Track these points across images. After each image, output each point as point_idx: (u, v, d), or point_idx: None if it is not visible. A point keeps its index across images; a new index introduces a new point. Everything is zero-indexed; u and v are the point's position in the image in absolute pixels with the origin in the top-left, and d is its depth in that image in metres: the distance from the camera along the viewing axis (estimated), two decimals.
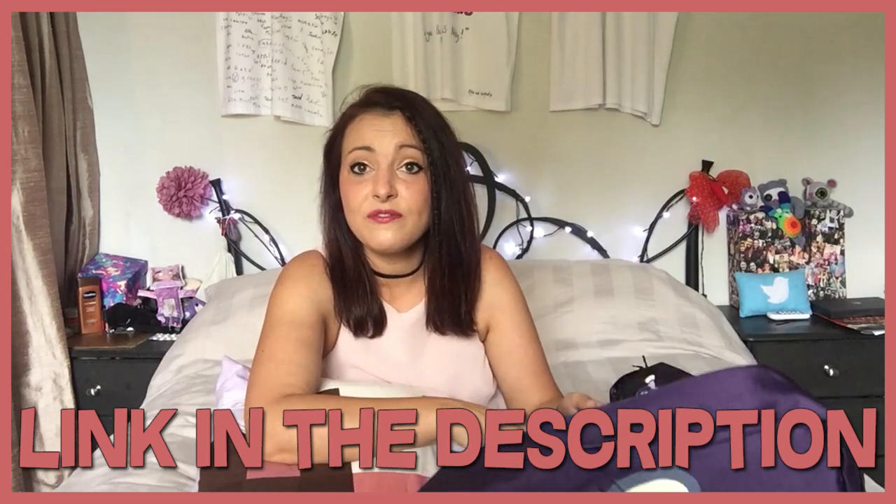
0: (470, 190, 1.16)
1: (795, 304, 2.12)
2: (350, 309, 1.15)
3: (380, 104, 1.11)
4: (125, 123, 2.30)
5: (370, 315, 1.15)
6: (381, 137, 1.08)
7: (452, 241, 1.13)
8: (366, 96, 1.14)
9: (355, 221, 1.10)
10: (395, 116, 1.10)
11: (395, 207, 1.07)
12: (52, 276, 1.96)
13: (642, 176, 2.29)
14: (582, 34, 2.18)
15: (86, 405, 1.99)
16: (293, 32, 2.19)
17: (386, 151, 1.08)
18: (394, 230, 1.08)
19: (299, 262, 1.20)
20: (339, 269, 1.16)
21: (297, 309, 1.11)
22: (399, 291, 1.19)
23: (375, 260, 1.17)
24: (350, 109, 1.14)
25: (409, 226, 1.09)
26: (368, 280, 1.16)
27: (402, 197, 1.08)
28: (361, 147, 1.09)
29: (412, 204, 1.08)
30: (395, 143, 1.08)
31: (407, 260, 1.17)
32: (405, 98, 1.12)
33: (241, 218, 2.29)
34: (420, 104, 1.12)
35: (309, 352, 1.07)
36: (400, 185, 1.08)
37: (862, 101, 2.25)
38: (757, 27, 2.24)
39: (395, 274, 1.17)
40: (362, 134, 1.09)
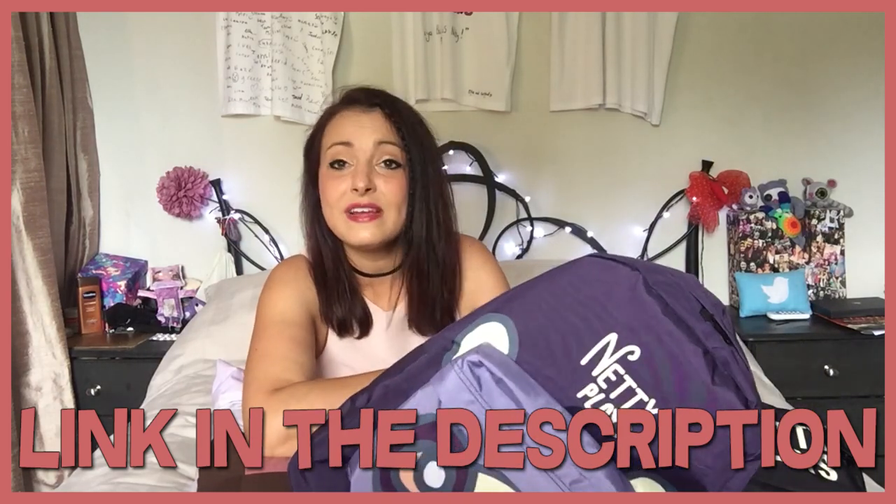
0: (448, 190, 1.17)
1: (795, 304, 2.12)
2: (332, 309, 1.15)
3: (359, 101, 1.12)
4: (125, 123, 2.30)
5: (353, 315, 1.15)
6: (361, 133, 1.09)
7: (430, 240, 1.13)
8: (346, 95, 1.15)
9: (333, 217, 1.10)
10: (374, 113, 1.10)
11: (375, 201, 1.08)
12: (52, 276, 1.96)
13: (642, 176, 2.29)
14: (582, 34, 2.19)
15: (86, 405, 1.99)
16: (293, 32, 2.19)
17: (365, 147, 1.08)
18: (372, 228, 1.08)
19: (285, 267, 1.20)
20: (320, 270, 1.16)
21: (287, 309, 1.11)
22: (382, 289, 1.19)
23: (356, 258, 1.17)
24: (330, 108, 1.15)
25: (389, 222, 1.09)
26: (349, 279, 1.16)
27: (380, 191, 1.08)
28: (340, 142, 1.09)
29: (391, 198, 1.08)
30: (374, 139, 1.08)
31: (388, 257, 1.16)
32: (385, 96, 1.13)
33: (241, 218, 2.29)
34: (399, 103, 1.14)
35: (302, 349, 1.07)
36: (378, 180, 1.08)
37: (862, 101, 2.25)
38: (757, 27, 2.24)
39: (376, 272, 1.17)
40: (342, 130, 1.10)
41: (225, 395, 1.23)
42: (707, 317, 0.70)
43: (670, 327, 0.69)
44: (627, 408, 0.69)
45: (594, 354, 0.70)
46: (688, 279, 0.75)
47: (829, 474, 0.83)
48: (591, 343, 0.71)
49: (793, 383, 1.84)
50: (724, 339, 0.70)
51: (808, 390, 1.92)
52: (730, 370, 0.68)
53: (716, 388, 0.68)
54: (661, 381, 0.68)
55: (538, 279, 0.76)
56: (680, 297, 0.71)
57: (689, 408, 0.68)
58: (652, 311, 0.70)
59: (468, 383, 0.68)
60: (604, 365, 0.70)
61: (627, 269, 0.73)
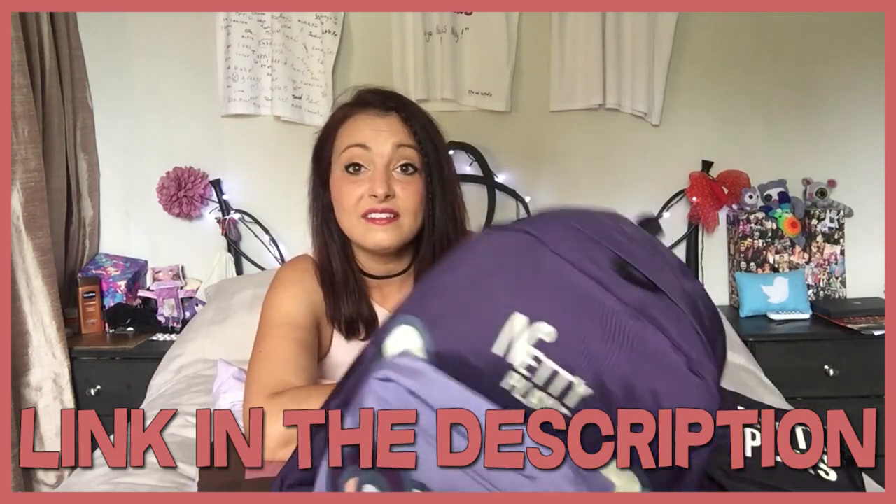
0: (459, 190, 1.17)
1: (795, 304, 2.12)
2: (340, 311, 1.14)
3: (374, 105, 1.10)
4: (125, 123, 2.30)
5: (360, 317, 1.15)
6: (378, 136, 1.07)
7: (446, 241, 1.13)
8: (358, 96, 1.13)
9: (349, 221, 1.09)
10: (391, 117, 1.09)
11: (393, 207, 1.07)
12: (52, 276, 1.96)
13: (642, 176, 2.29)
14: (582, 34, 2.18)
15: (86, 405, 1.99)
16: (293, 32, 2.19)
17: (382, 151, 1.07)
18: (390, 231, 1.07)
19: (291, 267, 1.20)
20: (327, 272, 1.15)
21: (292, 311, 1.11)
22: (389, 291, 1.18)
23: (365, 261, 1.16)
24: (342, 110, 1.13)
25: (406, 227, 1.08)
26: (357, 282, 1.16)
27: (399, 197, 1.07)
28: (357, 145, 1.08)
29: (409, 204, 1.08)
30: (392, 143, 1.07)
31: (398, 260, 1.16)
32: (399, 99, 1.13)
33: (241, 218, 2.29)
34: (413, 106, 1.13)
35: (306, 352, 1.07)
36: (396, 186, 1.07)
37: (862, 101, 2.25)
38: (757, 27, 2.24)
39: (385, 275, 1.17)
40: (358, 133, 1.09)
41: (226, 395, 1.23)
42: (619, 266, 0.61)
43: (581, 291, 0.60)
44: (556, 394, 0.61)
45: (504, 340, 0.61)
46: (603, 221, 0.66)
47: (829, 474, 0.83)
48: (496, 328, 0.61)
49: (793, 383, 1.84)
50: (650, 287, 0.61)
51: (808, 390, 1.92)
52: (648, 313, 0.59)
53: (644, 335, 0.59)
54: (585, 355, 0.60)
55: (438, 268, 0.67)
56: (593, 250, 0.62)
57: (622, 378, 0.60)
58: (556, 279, 0.60)
59: (381, 402, 0.62)
60: (518, 350, 0.61)
61: (522, 236, 0.63)
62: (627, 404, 0.61)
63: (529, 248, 0.62)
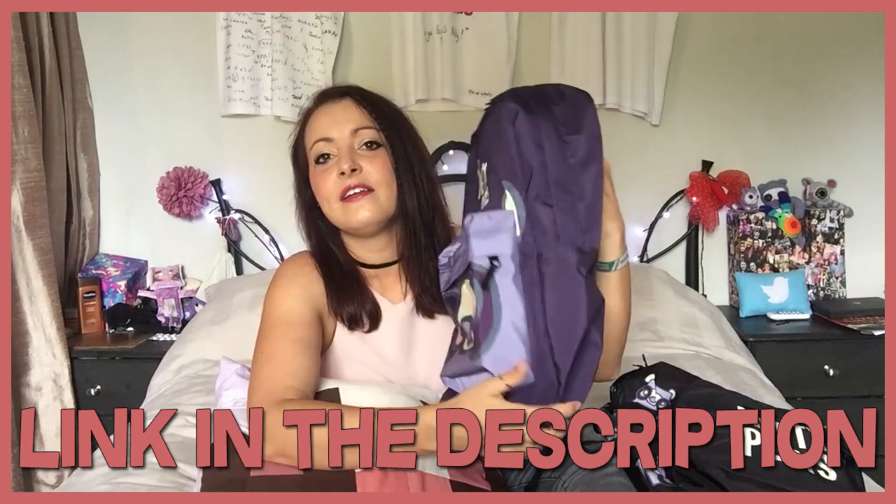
0: (433, 173, 1.21)
1: (795, 304, 2.12)
2: (342, 304, 1.16)
3: (330, 96, 1.18)
4: (125, 123, 2.30)
5: (363, 308, 1.16)
6: (337, 125, 1.13)
7: (421, 218, 1.16)
8: (317, 96, 1.20)
9: (331, 208, 1.13)
10: (345, 101, 1.16)
11: (364, 181, 1.11)
12: (52, 276, 1.95)
13: (642, 176, 2.29)
14: (582, 34, 2.19)
15: (86, 405, 1.99)
16: (293, 32, 2.19)
17: (343, 136, 1.13)
18: (368, 205, 1.11)
19: (290, 263, 1.22)
20: (327, 266, 1.18)
21: (292, 308, 1.12)
22: (389, 282, 1.20)
23: (359, 250, 1.19)
24: (305, 110, 1.20)
25: (383, 198, 1.12)
26: (355, 273, 1.18)
27: (367, 171, 1.12)
28: (321, 139, 1.14)
29: (379, 176, 1.12)
30: (349, 129, 1.13)
31: (390, 246, 1.19)
32: (354, 87, 1.19)
33: (241, 218, 2.29)
34: (369, 92, 1.19)
35: (307, 351, 1.08)
36: (363, 161, 1.12)
37: (862, 101, 2.25)
38: (757, 27, 2.24)
39: (381, 263, 1.19)
40: (319, 126, 1.15)
41: (228, 392, 1.22)
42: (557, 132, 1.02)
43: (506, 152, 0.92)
44: (484, 180, 0.97)
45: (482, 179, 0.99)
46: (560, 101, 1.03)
47: (829, 474, 0.83)
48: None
49: (793, 383, 1.84)
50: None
51: (808, 390, 1.92)
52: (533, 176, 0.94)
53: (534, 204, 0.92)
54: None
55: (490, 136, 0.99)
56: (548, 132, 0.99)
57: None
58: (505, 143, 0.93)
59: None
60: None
61: (510, 104, 0.94)
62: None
63: (509, 115, 0.95)
